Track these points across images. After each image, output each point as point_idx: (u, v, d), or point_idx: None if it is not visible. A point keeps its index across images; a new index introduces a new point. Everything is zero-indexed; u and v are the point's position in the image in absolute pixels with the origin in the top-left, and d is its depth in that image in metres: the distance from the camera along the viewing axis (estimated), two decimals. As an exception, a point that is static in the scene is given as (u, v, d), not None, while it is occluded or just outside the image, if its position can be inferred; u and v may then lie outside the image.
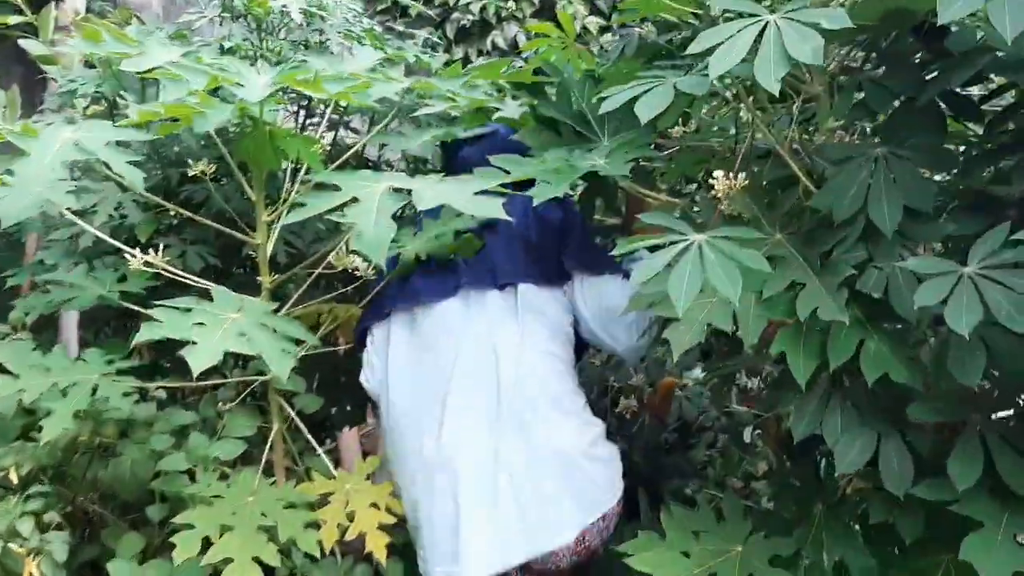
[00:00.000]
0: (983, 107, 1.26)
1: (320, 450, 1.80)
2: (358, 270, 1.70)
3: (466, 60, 4.55)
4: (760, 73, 1.01)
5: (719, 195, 1.34)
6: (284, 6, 2.05)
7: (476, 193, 1.31)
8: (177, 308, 1.35)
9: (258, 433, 1.84)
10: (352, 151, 1.72)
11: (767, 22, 1.05)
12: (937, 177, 1.28)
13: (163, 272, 1.63)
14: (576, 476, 1.60)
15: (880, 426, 1.24)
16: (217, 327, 1.31)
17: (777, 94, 1.01)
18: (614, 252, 1.23)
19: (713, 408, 2.74)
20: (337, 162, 1.73)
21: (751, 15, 1.07)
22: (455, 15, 4.58)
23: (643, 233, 1.25)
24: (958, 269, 1.08)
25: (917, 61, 1.25)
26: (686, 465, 3.21)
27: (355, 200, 1.32)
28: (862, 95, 1.27)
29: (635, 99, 1.22)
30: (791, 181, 1.41)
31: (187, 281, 1.64)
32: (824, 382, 1.29)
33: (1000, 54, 1.12)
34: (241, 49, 2.02)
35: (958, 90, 1.22)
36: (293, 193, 1.72)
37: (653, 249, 1.19)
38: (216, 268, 1.98)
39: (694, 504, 3.20)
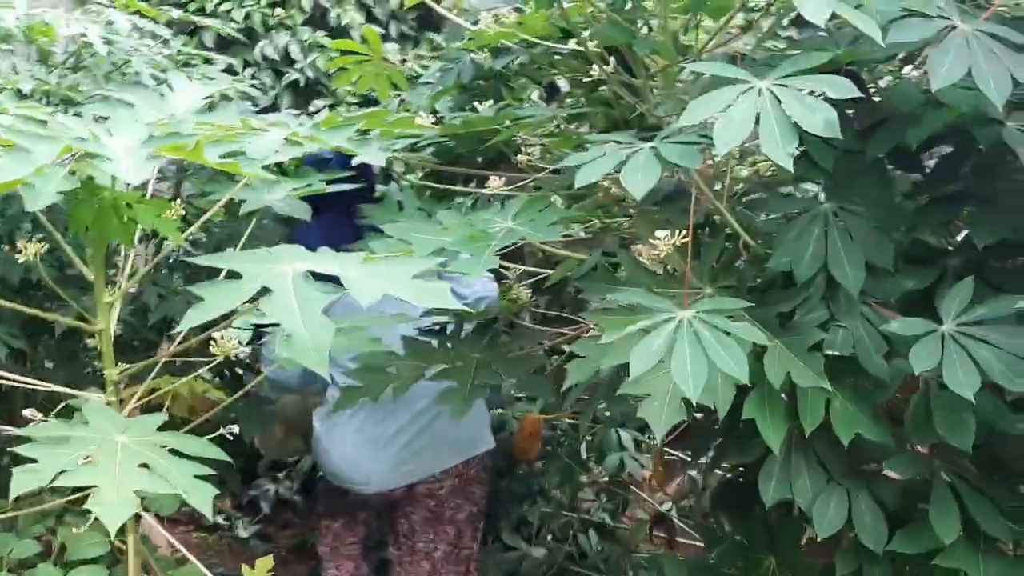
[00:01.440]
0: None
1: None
2: (242, 358, 1.47)
3: (231, 71, 4.19)
4: (769, 149, 0.95)
5: (662, 254, 1.28)
6: (82, 35, 1.73)
7: (414, 277, 1.15)
8: (48, 436, 1.08)
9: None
10: (210, 214, 1.48)
11: (758, 89, 1.00)
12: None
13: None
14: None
15: (847, 482, 1.24)
16: (110, 461, 1.05)
17: (791, 168, 0.95)
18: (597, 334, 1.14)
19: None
20: (199, 222, 1.48)
21: (738, 80, 1.01)
22: (215, 22, 4.19)
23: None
24: (937, 328, 1.10)
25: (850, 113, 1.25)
26: (522, 488, 3.18)
27: (266, 290, 1.12)
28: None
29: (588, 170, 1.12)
30: (718, 231, 1.39)
31: (31, 386, 1.33)
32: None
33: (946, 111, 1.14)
34: (37, 92, 1.68)
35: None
36: (136, 263, 1.45)
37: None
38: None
39: (529, 527, 3.18)
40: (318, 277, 1.14)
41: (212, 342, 1.40)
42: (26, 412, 1.50)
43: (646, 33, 1.85)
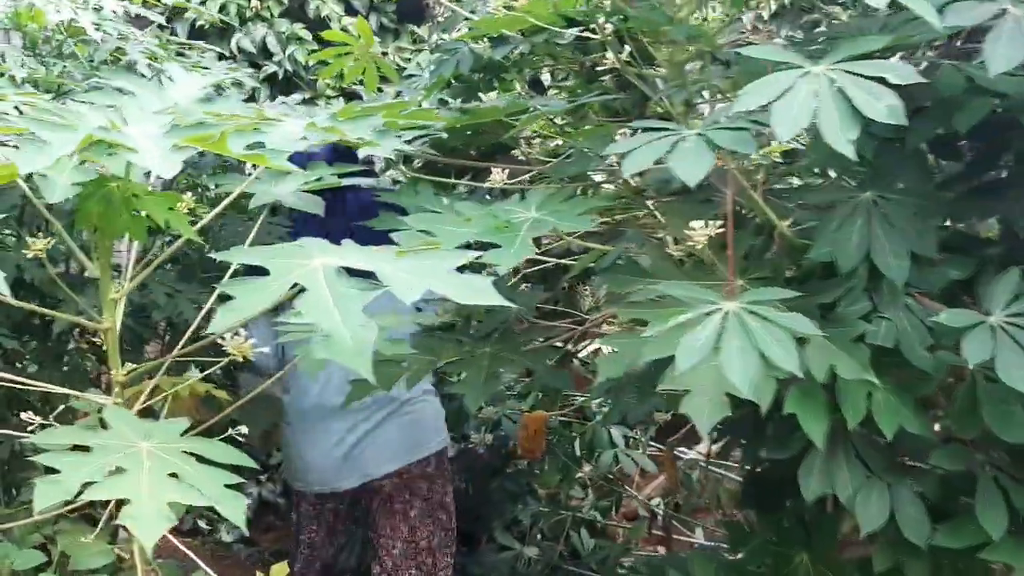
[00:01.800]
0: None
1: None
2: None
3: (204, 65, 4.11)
4: (829, 135, 0.93)
5: (697, 246, 1.25)
6: (72, 20, 1.66)
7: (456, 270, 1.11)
8: (66, 444, 1.02)
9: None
10: (222, 207, 1.42)
11: (815, 74, 0.97)
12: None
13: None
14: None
15: (887, 476, 1.22)
16: (138, 470, 1.00)
17: (854, 156, 0.93)
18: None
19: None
20: (213, 212, 1.42)
21: (792, 65, 0.98)
22: (188, 14, 4.11)
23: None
24: (985, 320, 1.08)
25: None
26: (516, 489, 3.15)
27: (297, 288, 1.07)
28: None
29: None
30: (747, 221, 1.37)
31: (30, 387, 1.27)
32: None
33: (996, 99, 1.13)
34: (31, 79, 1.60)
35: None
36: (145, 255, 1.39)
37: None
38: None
39: (521, 526, 3.15)
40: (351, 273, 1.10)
41: (222, 341, 1.34)
42: (24, 416, 1.44)
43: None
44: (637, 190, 1.56)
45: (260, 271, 1.11)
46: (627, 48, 1.72)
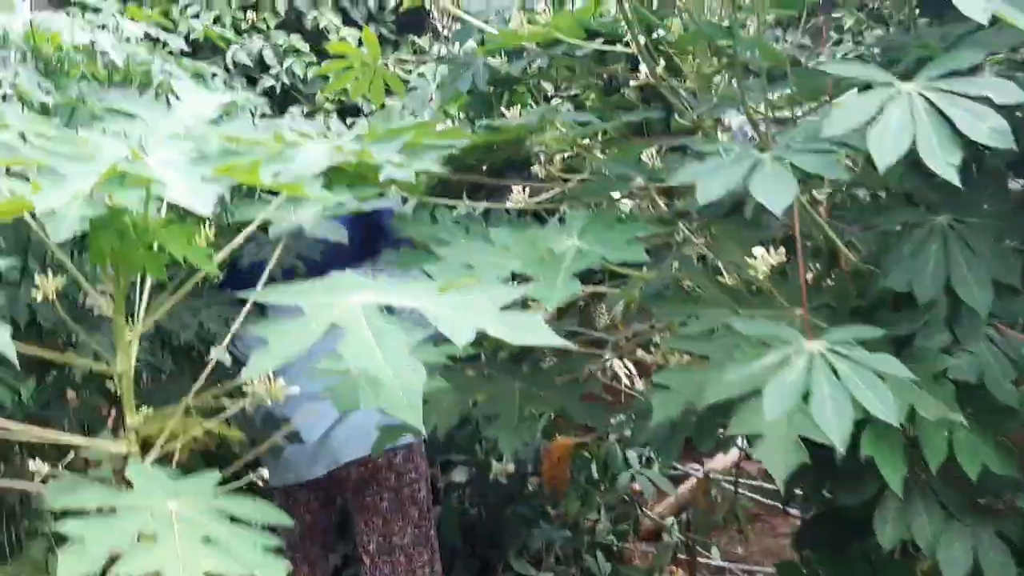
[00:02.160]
0: None
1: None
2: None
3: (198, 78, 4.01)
4: (930, 160, 0.85)
5: (760, 275, 1.17)
6: (92, 42, 1.57)
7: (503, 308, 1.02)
8: (85, 511, 0.93)
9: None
10: (244, 235, 1.33)
11: (907, 93, 0.89)
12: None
13: None
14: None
15: (968, 518, 1.14)
16: (169, 536, 0.91)
17: (957, 182, 0.85)
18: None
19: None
20: (230, 245, 1.33)
21: (879, 83, 0.90)
22: (180, 28, 4.01)
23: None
24: (1080, 354, 1.01)
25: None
26: (530, 514, 3.05)
27: (345, 332, 0.98)
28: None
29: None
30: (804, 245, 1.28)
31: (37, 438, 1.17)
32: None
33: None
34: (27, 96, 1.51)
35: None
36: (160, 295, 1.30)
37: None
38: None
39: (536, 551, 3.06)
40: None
41: (246, 384, 1.25)
42: (32, 466, 1.35)
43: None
44: (679, 212, 1.48)
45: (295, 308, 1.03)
46: (662, 61, 1.64)
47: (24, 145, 1.29)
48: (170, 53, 4.03)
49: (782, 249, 1.16)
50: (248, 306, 1.45)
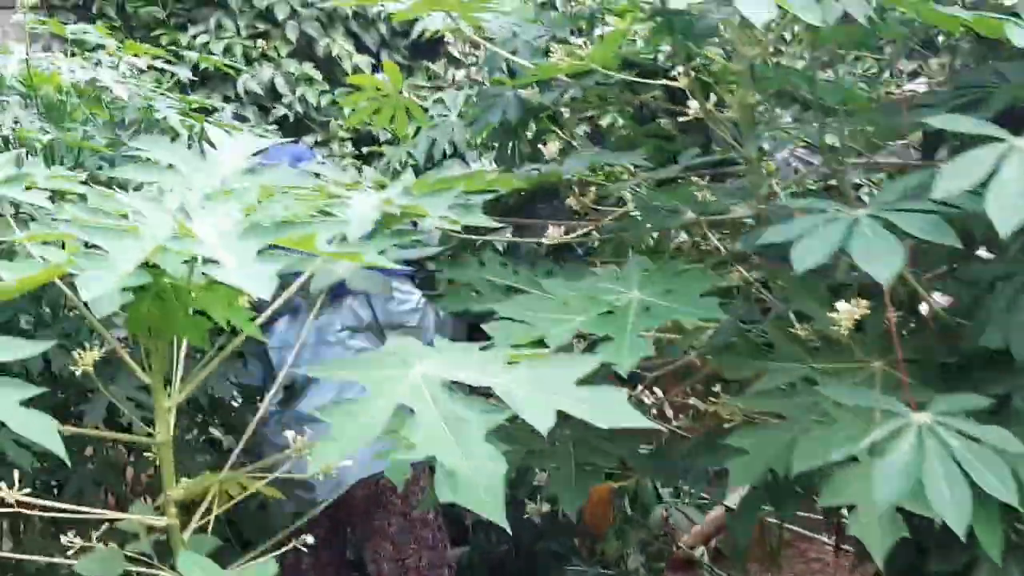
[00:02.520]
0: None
1: None
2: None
3: (207, 109, 3.96)
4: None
5: (842, 328, 1.10)
6: (95, 80, 1.51)
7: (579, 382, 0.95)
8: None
9: None
10: (289, 293, 1.26)
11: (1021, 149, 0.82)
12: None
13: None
14: None
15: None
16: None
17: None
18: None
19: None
20: (273, 305, 1.26)
21: (994, 138, 0.83)
22: (189, 55, 3.96)
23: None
24: None
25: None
26: (562, 550, 2.97)
27: (406, 410, 0.91)
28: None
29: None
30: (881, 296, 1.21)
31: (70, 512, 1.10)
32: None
33: None
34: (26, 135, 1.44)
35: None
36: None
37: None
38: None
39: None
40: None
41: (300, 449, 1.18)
42: (65, 539, 1.28)
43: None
44: (736, 254, 1.41)
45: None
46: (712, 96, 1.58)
47: (53, 206, 1.23)
48: (178, 83, 3.97)
49: (865, 302, 1.09)
50: (281, 377, 1.39)
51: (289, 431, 1.33)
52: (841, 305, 1.08)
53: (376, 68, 3.90)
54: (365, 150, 3.44)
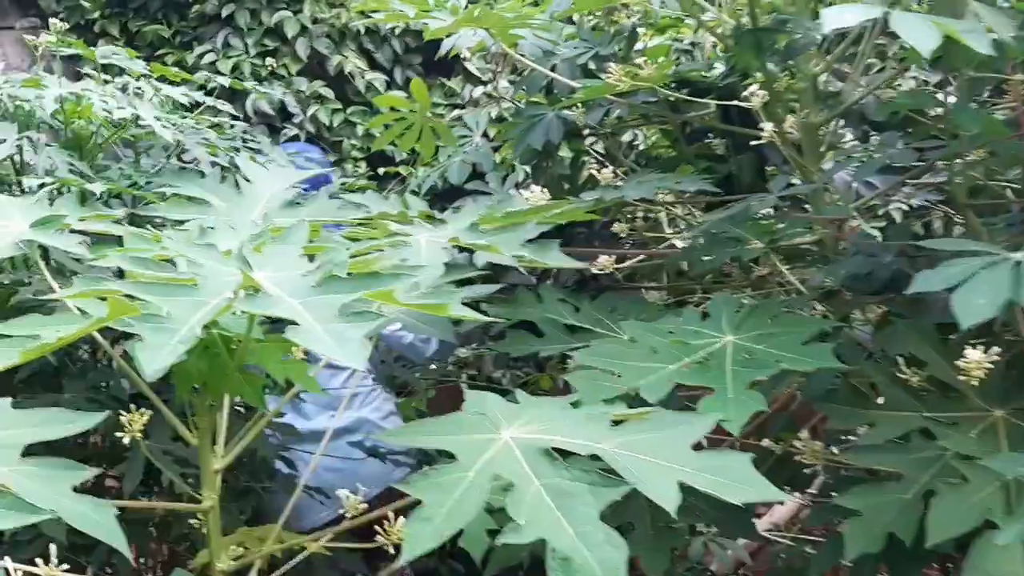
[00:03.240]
0: None
1: None
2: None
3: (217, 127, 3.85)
4: None
5: (970, 379, 0.99)
6: (136, 116, 1.40)
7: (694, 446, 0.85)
8: None
9: None
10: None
11: None
12: None
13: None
14: None
15: None
16: None
17: None
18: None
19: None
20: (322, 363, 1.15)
21: None
22: (198, 74, 3.85)
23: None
24: None
25: None
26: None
27: (511, 487, 0.81)
28: None
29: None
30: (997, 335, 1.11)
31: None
32: None
33: None
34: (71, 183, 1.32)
35: None
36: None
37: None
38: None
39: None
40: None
41: (383, 527, 1.06)
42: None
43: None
44: (826, 290, 1.31)
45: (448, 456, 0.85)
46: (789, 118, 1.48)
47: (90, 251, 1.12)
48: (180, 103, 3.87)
49: (997, 349, 0.99)
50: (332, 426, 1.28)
51: (342, 491, 1.22)
52: (971, 353, 0.98)
53: (390, 86, 3.80)
54: (381, 170, 3.35)
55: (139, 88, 1.65)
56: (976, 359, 0.97)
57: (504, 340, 1.33)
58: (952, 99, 1.18)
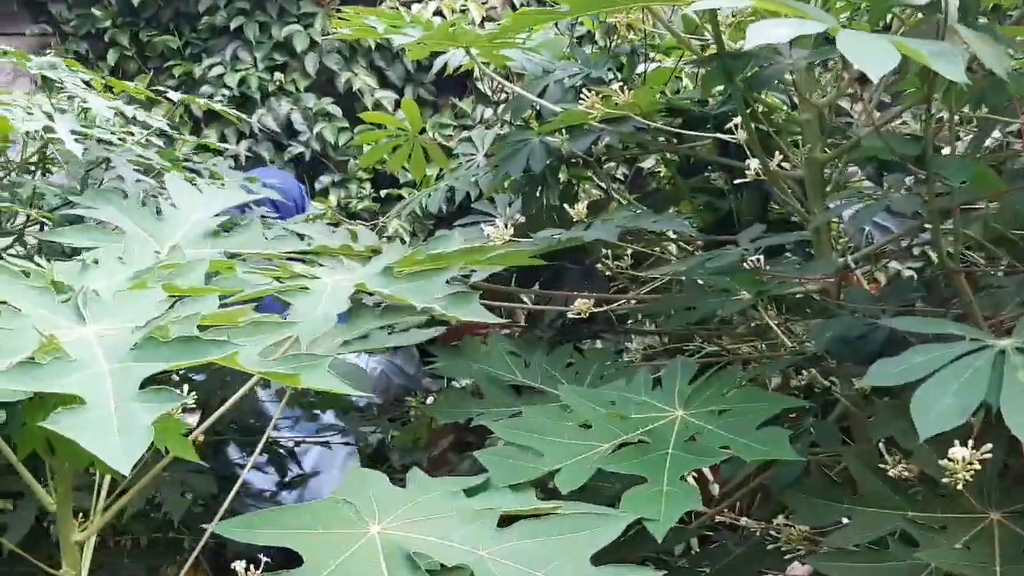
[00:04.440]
0: None
1: None
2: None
3: (216, 150, 3.78)
4: None
5: (955, 480, 0.83)
6: (44, 131, 1.29)
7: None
8: None
9: None
10: (229, 405, 1.01)
11: None
12: None
13: None
14: None
15: None
16: None
17: None
18: None
19: None
20: (208, 421, 1.01)
21: None
22: (204, 88, 3.80)
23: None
24: None
25: None
26: None
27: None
28: None
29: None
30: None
31: None
32: None
33: None
34: None
35: None
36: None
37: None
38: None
39: None
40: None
41: None
42: None
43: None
44: (809, 354, 1.15)
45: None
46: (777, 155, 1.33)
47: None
48: (192, 116, 3.79)
49: (988, 445, 0.82)
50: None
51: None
52: (956, 450, 0.81)
53: (400, 104, 3.70)
54: (384, 192, 3.23)
55: (84, 104, 1.54)
56: (962, 456, 0.81)
57: (434, 403, 1.19)
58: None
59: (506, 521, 0.76)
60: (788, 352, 1.34)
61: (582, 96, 1.45)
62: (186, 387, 1.09)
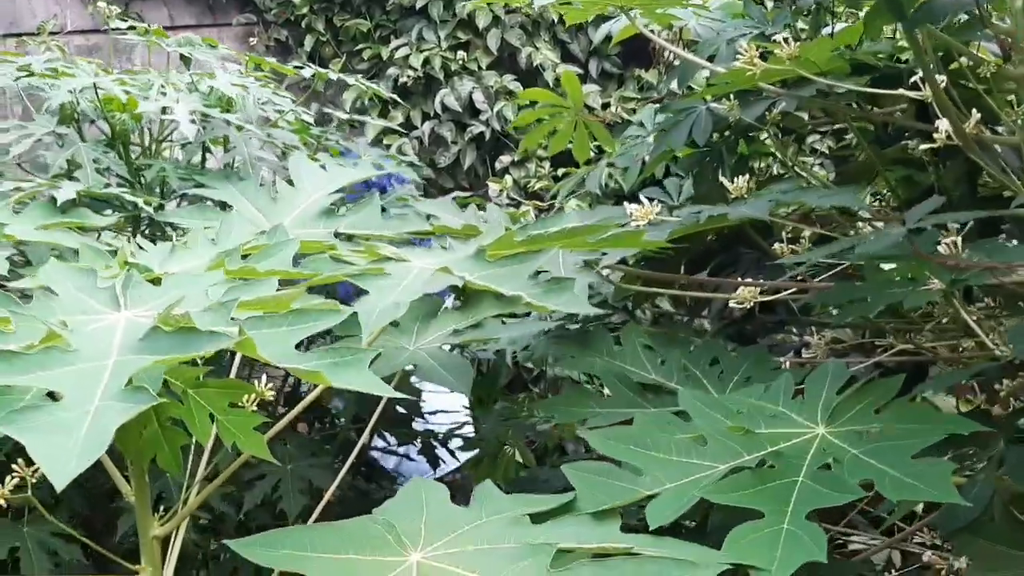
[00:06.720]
0: None
1: None
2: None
3: (408, 125, 3.81)
4: None
5: None
6: (166, 110, 1.28)
7: None
8: None
9: None
10: (306, 402, 0.94)
11: None
12: None
13: None
14: None
15: None
16: None
17: None
18: None
19: None
20: (285, 419, 0.94)
21: None
22: (391, 70, 3.84)
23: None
24: None
25: None
26: None
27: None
28: None
29: None
30: None
31: None
32: None
33: None
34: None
35: None
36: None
37: None
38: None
39: None
40: None
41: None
42: None
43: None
44: (1010, 364, 0.93)
45: None
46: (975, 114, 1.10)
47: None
48: (379, 98, 3.84)
49: None
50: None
51: None
52: None
53: (583, 78, 3.57)
54: (562, 171, 3.13)
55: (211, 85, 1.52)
56: None
57: (549, 400, 1.07)
58: None
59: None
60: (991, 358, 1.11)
61: (739, 53, 1.28)
62: (264, 377, 1.03)
